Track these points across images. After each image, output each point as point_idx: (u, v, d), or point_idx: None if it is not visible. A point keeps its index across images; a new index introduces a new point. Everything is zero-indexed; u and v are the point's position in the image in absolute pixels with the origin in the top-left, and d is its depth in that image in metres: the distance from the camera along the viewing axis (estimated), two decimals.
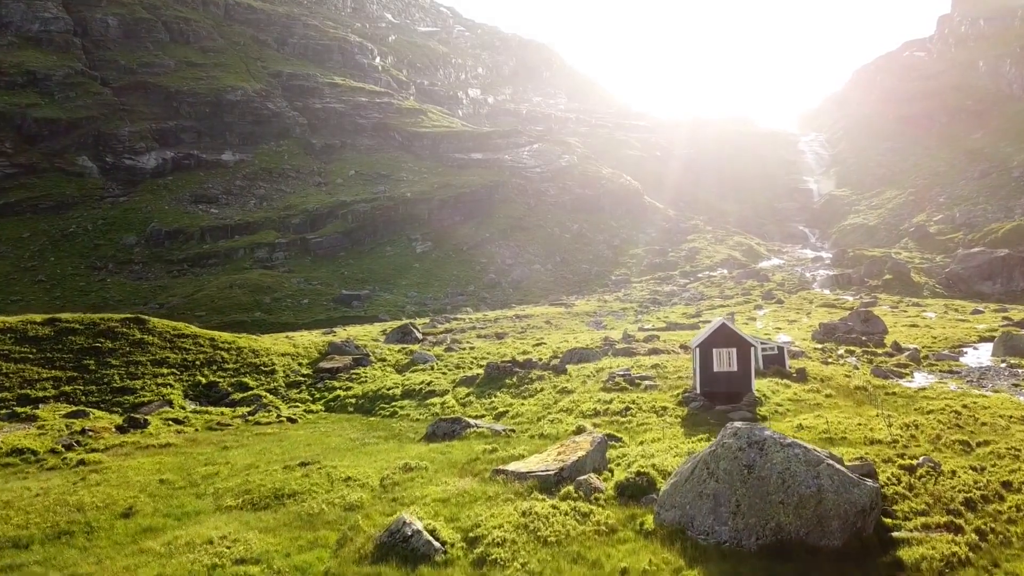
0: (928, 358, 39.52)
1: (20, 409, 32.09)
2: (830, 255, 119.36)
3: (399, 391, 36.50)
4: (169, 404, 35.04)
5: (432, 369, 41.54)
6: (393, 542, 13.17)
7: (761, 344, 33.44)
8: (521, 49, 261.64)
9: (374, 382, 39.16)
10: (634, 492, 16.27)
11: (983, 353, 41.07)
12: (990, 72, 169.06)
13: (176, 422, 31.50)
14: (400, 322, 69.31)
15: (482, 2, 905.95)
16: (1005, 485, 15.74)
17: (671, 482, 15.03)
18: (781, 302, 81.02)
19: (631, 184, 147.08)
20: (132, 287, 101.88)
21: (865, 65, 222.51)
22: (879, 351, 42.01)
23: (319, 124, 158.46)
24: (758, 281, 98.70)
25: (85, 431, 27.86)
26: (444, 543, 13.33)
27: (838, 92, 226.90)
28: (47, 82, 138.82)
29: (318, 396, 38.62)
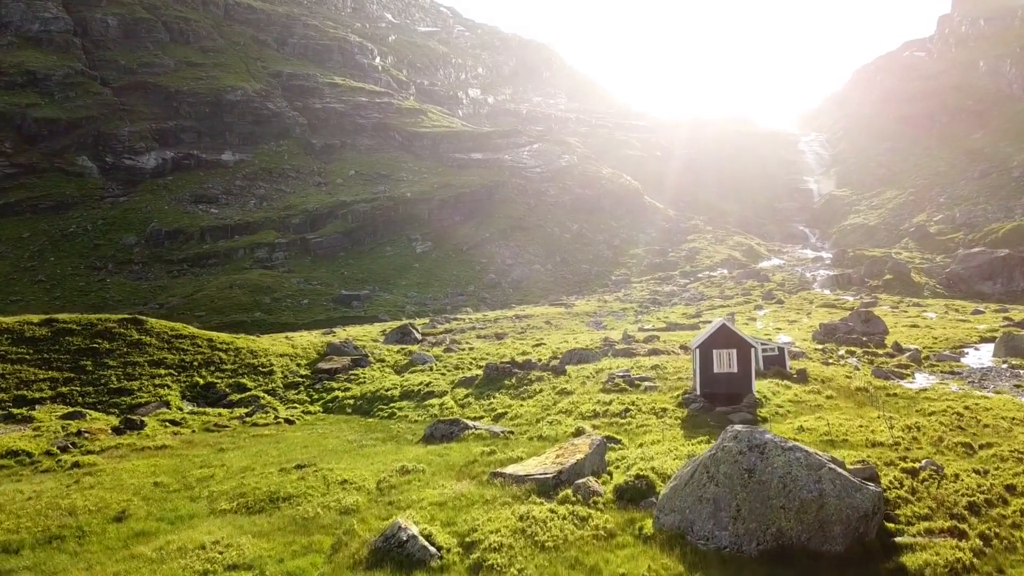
0: (929, 359, 39.31)
1: (16, 410, 31.91)
2: (830, 255, 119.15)
3: (397, 392, 36.31)
4: (166, 405, 34.86)
5: (431, 370, 41.35)
6: (388, 547, 12.98)
7: (761, 345, 33.26)
8: (521, 49, 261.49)
9: (372, 383, 38.98)
10: (633, 496, 16.07)
11: (984, 354, 40.84)
12: (990, 72, 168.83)
13: (173, 423, 31.34)
14: (400, 322, 69.11)
15: (482, 2, 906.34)
16: (1009, 489, 15.53)
17: (671, 486, 14.83)
18: (781, 302, 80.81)
19: (631, 184, 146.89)
20: (132, 287, 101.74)
21: (865, 65, 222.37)
22: (880, 352, 41.80)
23: (319, 124, 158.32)
24: (758, 281, 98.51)
25: (81, 433, 27.67)
26: (440, 548, 13.14)
27: (838, 92, 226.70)
28: (47, 82, 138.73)
29: (316, 397, 38.46)
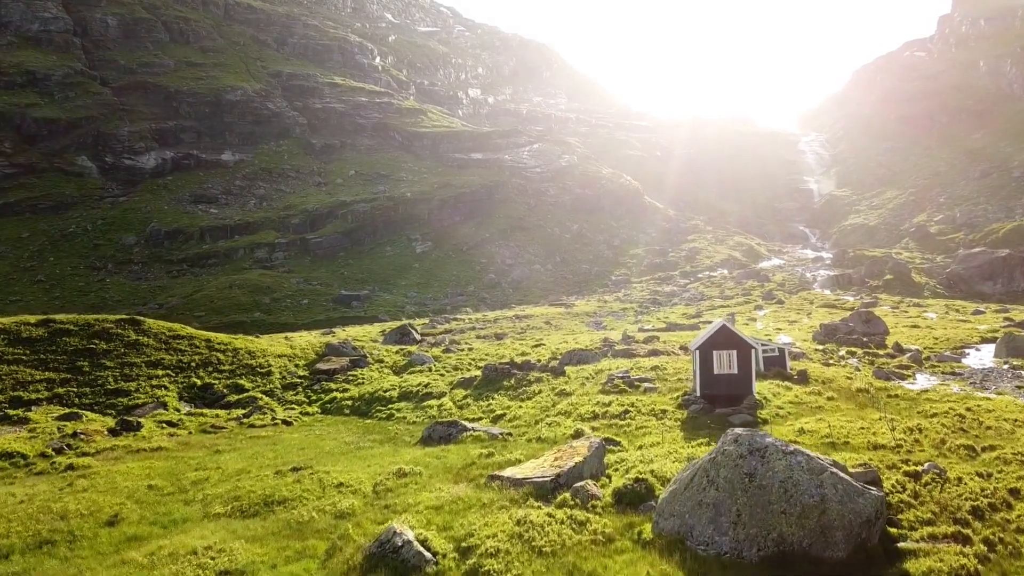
0: (930, 359, 39.03)
1: (12, 411, 31.70)
2: (830, 255, 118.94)
3: (396, 393, 36.10)
4: (163, 406, 34.67)
5: (430, 371, 41.15)
6: (383, 552, 12.78)
7: (762, 346, 33.06)
8: (521, 49, 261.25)
9: (371, 384, 38.77)
10: (632, 499, 15.87)
11: (985, 354, 40.59)
12: (991, 72, 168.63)
13: (170, 424, 31.17)
14: (399, 323, 68.92)
15: (482, 2, 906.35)
16: (1013, 492, 15.31)
17: (670, 490, 14.62)
18: (782, 302, 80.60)
19: (631, 184, 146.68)
20: (131, 287, 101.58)
21: (865, 65, 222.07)
22: (880, 352, 41.57)
23: (319, 124, 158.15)
24: (758, 281, 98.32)
25: (77, 434, 27.49)
26: (436, 553, 12.94)
27: (838, 92, 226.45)
28: (47, 82, 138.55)
29: (314, 398, 38.26)
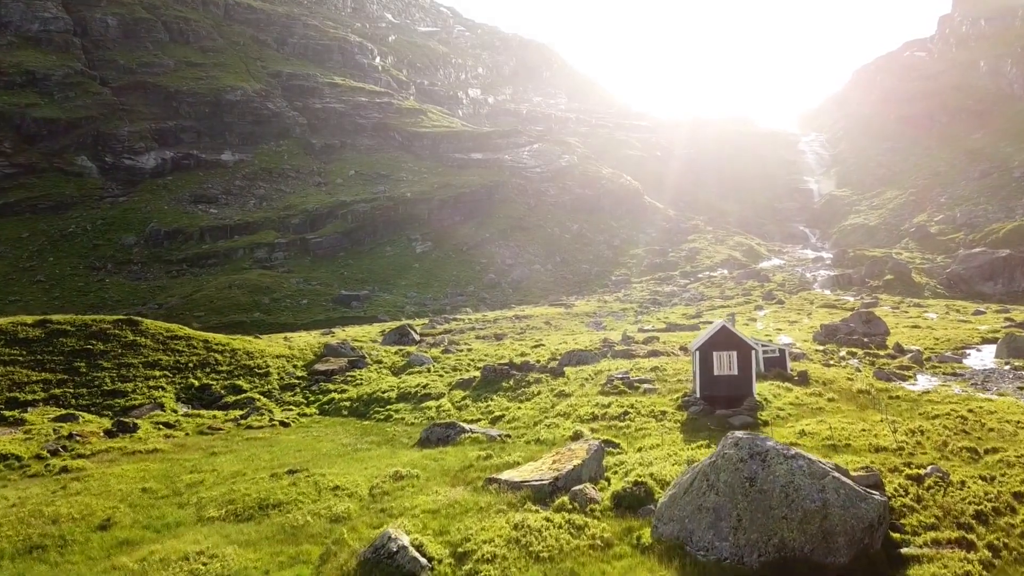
0: (931, 360, 38.83)
1: (8, 413, 31.53)
2: (831, 255, 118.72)
3: (394, 394, 35.92)
4: (160, 407, 34.50)
5: (428, 371, 40.97)
6: (378, 558, 12.58)
7: (762, 346, 32.88)
8: (521, 49, 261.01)
9: (369, 385, 38.59)
10: (631, 503, 15.68)
11: (986, 355, 40.38)
12: (991, 72, 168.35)
13: (167, 426, 30.99)
14: (398, 323, 68.75)
15: (482, 2, 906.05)
16: (1017, 496, 15.10)
17: (669, 494, 14.43)
18: (782, 303, 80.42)
19: (631, 184, 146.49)
20: (131, 287, 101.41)
21: (865, 65, 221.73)
22: (881, 353, 41.39)
23: (319, 124, 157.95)
24: (759, 281, 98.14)
25: (72, 436, 27.32)
26: (431, 559, 12.75)
27: (838, 92, 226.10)
28: (46, 82, 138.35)
29: (312, 399, 38.08)
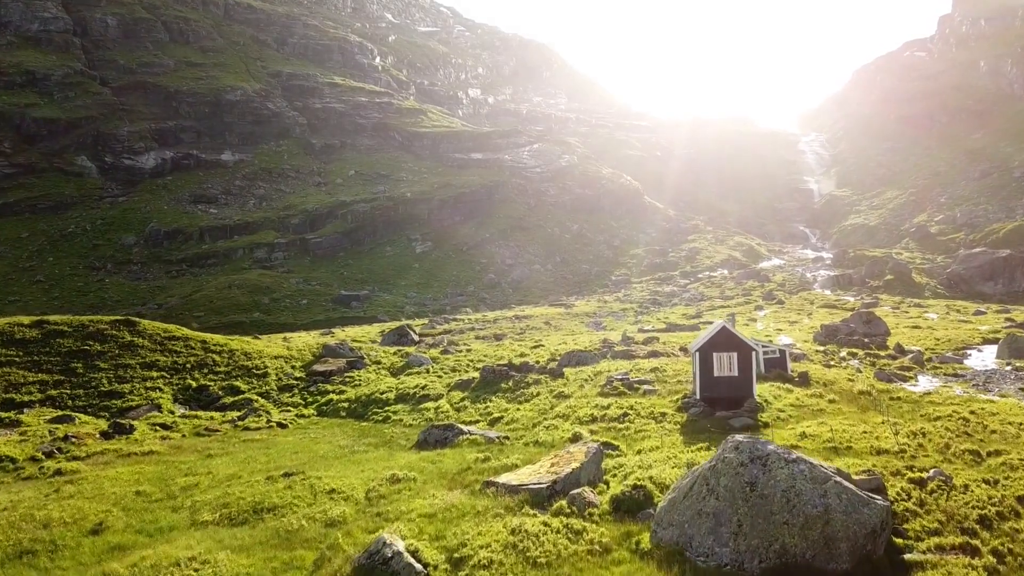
0: (932, 360, 38.62)
1: (4, 414, 31.35)
2: (831, 255, 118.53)
3: (393, 395, 35.74)
4: (157, 408, 34.31)
5: (427, 372, 40.79)
6: (372, 564, 12.40)
7: (762, 347, 32.68)
8: (521, 49, 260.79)
9: (367, 386, 38.41)
10: (630, 507, 15.49)
11: (987, 355, 40.17)
12: (991, 72, 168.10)
13: (163, 427, 30.79)
14: (398, 323, 68.55)
15: (482, 2, 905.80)
16: (1021, 500, 14.90)
17: (669, 498, 14.24)
18: (782, 303, 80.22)
19: (631, 184, 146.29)
20: (131, 287, 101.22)
21: (865, 65, 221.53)
22: (882, 353, 41.17)
23: (319, 124, 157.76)
24: (759, 282, 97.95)
25: (68, 437, 27.13)
26: (427, 565, 12.56)
27: (838, 92, 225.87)
28: (46, 82, 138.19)
29: (310, 400, 37.90)
